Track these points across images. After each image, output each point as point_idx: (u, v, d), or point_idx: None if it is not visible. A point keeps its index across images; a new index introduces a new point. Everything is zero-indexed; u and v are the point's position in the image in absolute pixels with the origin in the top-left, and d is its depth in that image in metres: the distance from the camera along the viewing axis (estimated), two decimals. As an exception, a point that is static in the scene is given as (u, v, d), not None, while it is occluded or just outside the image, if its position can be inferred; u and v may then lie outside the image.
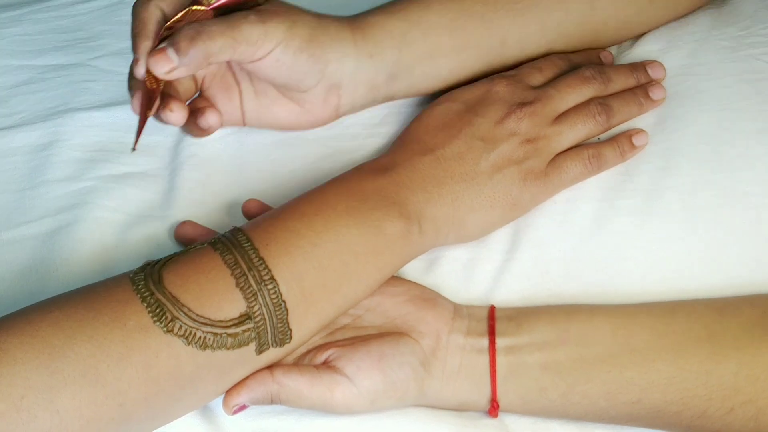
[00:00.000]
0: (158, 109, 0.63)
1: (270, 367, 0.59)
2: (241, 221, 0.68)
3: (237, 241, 0.58)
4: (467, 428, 0.62)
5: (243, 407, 0.60)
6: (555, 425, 0.63)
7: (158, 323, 0.54)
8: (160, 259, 0.58)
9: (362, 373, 0.59)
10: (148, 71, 0.61)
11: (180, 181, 0.71)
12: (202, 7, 0.61)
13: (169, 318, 0.54)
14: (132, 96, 0.63)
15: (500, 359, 0.61)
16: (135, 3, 0.63)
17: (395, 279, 0.65)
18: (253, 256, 0.57)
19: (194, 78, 0.68)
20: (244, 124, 0.71)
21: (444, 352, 0.61)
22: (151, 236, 0.69)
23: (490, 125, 0.67)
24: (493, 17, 0.68)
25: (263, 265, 0.57)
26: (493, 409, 0.61)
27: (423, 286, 0.65)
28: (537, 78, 0.71)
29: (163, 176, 0.72)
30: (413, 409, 0.63)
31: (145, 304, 0.55)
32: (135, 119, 0.62)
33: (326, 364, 0.60)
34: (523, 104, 0.67)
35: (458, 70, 0.70)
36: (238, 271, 0.56)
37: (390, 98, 0.71)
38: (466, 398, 0.62)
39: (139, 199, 0.70)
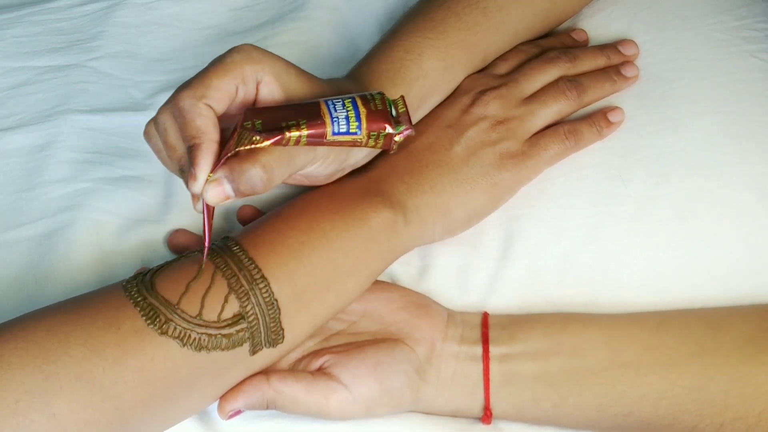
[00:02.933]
0: None
1: (266, 373, 0.59)
2: (238, 226, 0.69)
3: (226, 247, 0.58)
4: (462, 431, 0.63)
5: (238, 412, 0.60)
6: (550, 431, 0.63)
7: (152, 326, 0.54)
8: (151, 269, 0.58)
9: (358, 380, 0.59)
10: None
11: (177, 186, 0.71)
12: (267, 143, 0.54)
13: (163, 320, 0.54)
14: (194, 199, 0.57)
15: (494, 368, 0.61)
16: (179, 98, 0.55)
17: (390, 285, 0.66)
18: (243, 257, 0.58)
19: None
20: None
21: (438, 360, 0.62)
22: (147, 240, 0.69)
23: (457, 113, 0.68)
24: (474, 41, 0.69)
25: (253, 265, 0.57)
26: (486, 417, 0.61)
27: (417, 293, 0.65)
28: (502, 67, 0.71)
29: (161, 181, 0.72)
30: (408, 413, 0.63)
31: (138, 308, 0.55)
32: (132, 124, 0.62)
33: (321, 371, 0.60)
34: (488, 89, 0.68)
35: (442, 97, 0.70)
36: (229, 272, 0.57)
37: None
38: (460, 405, 0.62)
39: (136, 202, 0.71)
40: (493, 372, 0.61)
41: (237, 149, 0.53)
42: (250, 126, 0.54)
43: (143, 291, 0.56)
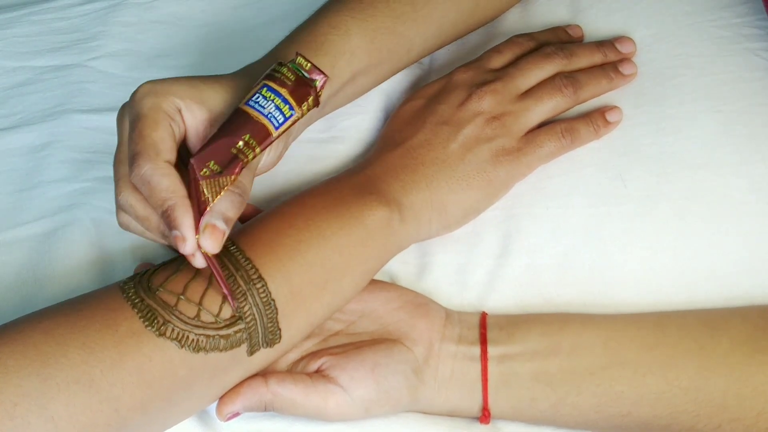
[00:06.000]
0: None
1: (264, 375, 0.59)
2: (237, 224, 0.69)
3: (223, 247, 0.58)
4: (460, 431, 0.62)
5: (236, 414, 0.60)
6: (548, 431, 0.63)
7: (150, 327, 0.54)
8: (149, 269, 0.58)
9: (356, 382, 0.59)
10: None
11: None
12: (234, 177, 0.54)
13: (161, 322, 0.54)
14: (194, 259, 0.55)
15: (492, 368, 0.61)
16: (137, 167, 0.54)
17: (388, 285, 0.65)
18: (240, 257, 0.58)
19: None
20: None
21: (436, 360, 0.62)
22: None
23: (453, 110, 0.68)
24: (402, 29, 0.68)
25: (250, 265, 0.57)
26: (485, 417, 0.61)
27: (415, 292, 0.65)
28: (497, 60, 0.71)
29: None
30: (406, 413, 0.63)
31: (136, 310, 0.55)
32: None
33: (319, 373, 0.60)
34: (483, 84, 0.68)
35: (373, 82, 0.70)
36: (227, 272, 0.57)
37: (316, 120, 0.70)
38: (458, 405, 0.62)
39: (135, 201, 0.71)
40: (492, 372, 0.61)
41: (215, 200, 0.53)
42: (209, 173, 0.53)
43: (141, 292, 0.56)
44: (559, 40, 0.74)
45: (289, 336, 0.59)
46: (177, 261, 0.59)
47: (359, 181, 0.64)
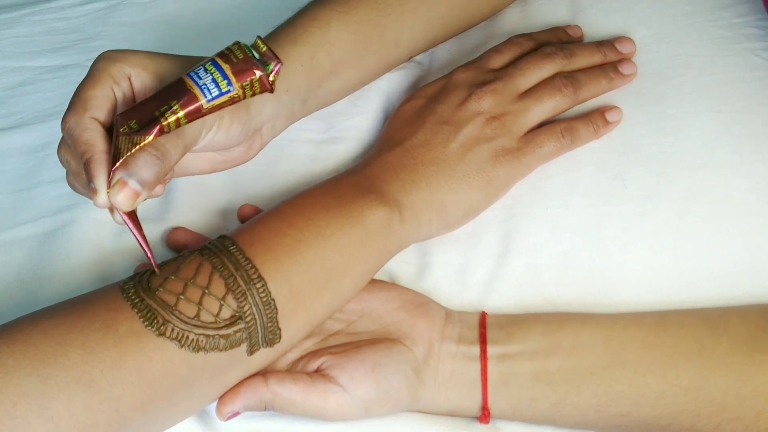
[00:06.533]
0: None
1: (264, 375, 0.59)
2: (236, 224, 0.69)
3: (223, 246, 0.58)
4: (460, 430, 0.62)
5: (236, 414, 0.60)
6: (548, 430, 0.63)
7: (150, 327, 0.54)
8: (149, 269, 0.58)
9: (356, 382, 0.59)
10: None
11: (176, 184, 0.71)
12: (149, 138, 0.54)
13: (161, 322, 0.54)
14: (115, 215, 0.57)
15: (491, 368, 0.61)
16: (65, 121, 0.56)
17: (388, 284, 0.65)
18: (240, 257, 0.58)
19: None
20: None
21: (436, 360, 0.62)
22: (147, 238, 0.69)
23: (453, 109, 0.68)
24: (387, 22, 0.69)
25: (250, 265, 0.57)
26: (484, 416, 0.61)
27: (416, 292, 0.65)
28: (496, 60, 0.71)
29: (159, 179, 0.72)
30: (406, 413, 0.63)
31: (136, 310, 0.55)
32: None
33: (319, 372, 0.60)
34: (483, 84, 0.68)
35: (360, 76, 0.70)
36: (226, 272, 0.57)
37: (303, 117, 0.70)
38: (458, 405, 0.62)
39: (135, 200, 0.71)
40: (491, 372, 0.61)
41: (124, 157, 0.53)
42: (127, 130, 0.54)
43: (140, 292, 0.56)
44: (558, 40, 0.74)
45: (289, 336, 0.59)
46: (177, 261, 0.59)
47: (359, 181, 0.64)
